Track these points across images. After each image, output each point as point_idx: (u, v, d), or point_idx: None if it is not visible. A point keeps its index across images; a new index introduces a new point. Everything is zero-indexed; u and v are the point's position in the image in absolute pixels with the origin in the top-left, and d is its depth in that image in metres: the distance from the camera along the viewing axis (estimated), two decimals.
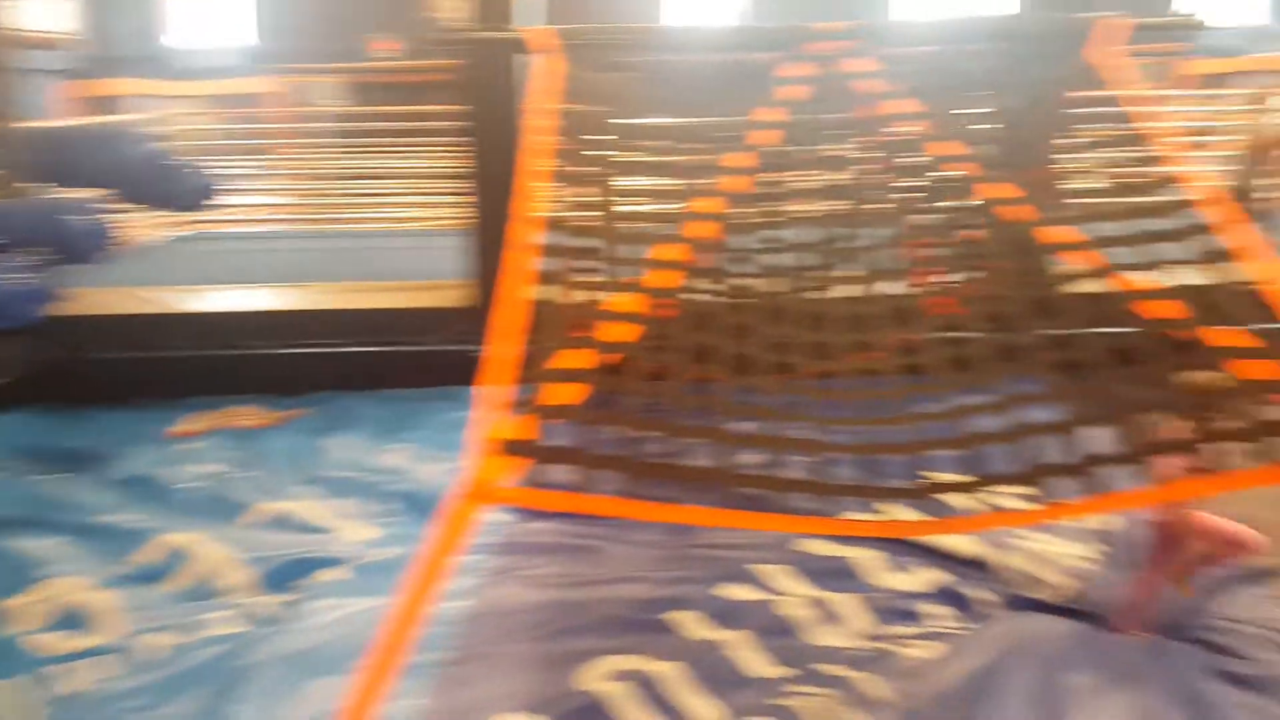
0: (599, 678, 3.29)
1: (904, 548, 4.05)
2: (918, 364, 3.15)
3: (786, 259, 3.57)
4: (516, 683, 3.29)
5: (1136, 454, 2.71)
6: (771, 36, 3.91)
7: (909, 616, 3.67)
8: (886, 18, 16.90)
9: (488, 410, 2.29)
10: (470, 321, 5.75)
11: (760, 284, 4.13)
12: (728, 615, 3.63)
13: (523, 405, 2.32)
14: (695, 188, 3.46)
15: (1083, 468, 2.69)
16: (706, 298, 3.18)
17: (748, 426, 2.84)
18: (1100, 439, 3.13)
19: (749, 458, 3.95)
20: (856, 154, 3.83)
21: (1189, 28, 5.06)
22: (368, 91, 16.04)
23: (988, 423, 2.87)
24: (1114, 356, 2.91)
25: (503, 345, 2.44)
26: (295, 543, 4.24)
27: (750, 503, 2.71)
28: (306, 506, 4.58)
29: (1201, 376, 2.70)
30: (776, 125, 3.63)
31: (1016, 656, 3.36)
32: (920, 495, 2.82)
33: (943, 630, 3.58)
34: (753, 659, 3.41)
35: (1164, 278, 3.04)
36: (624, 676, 3.29)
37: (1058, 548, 4.15)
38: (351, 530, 4.37)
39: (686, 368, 2.78)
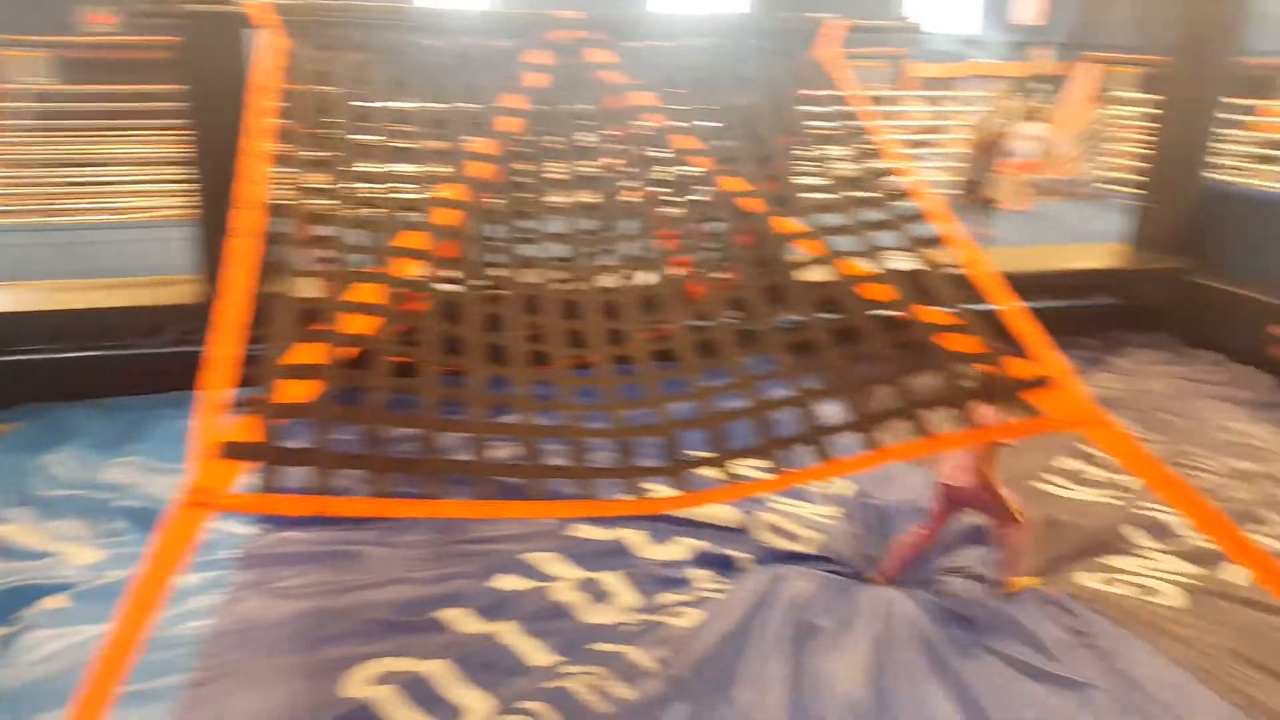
0: (365, 682, 3.18)
1: (668, 523, 4.20)
2: (668, 350, 3.25)
3: (541, 249, 3.57)
4: (273, 697, 3.11)
5: (860, 424, 2.95)
6: (512, 22, 3.88)
7: (675, 586, 3.81)
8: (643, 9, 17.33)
9: (209, 413, 2.12)
10: (201, 319, 5.35)
11: (515, 274, 4.12)
12: (500, 607, 3.61)
13: (246, 405, 2.16)
14: (439, 175, 3.38)
15: (814, 437, 2.89)
16: (457, 289, 3.11)
17: (505, 417, 2.83)
18: (831, 411, 3.37)
19: (507, 448, 3.95)
20: (602, 145, 3.89)
21: (905, 31, 5.51)
22: (79, 69, 14.52)
23: (732, 402, 3.03)
24: (839, 336, 3.13)
25: (226, 343, 2.27)
26: (11, 571, 3.80)
27: (511, 492, 2.70)
28: (22, 530, 4.12)
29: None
30: (521, 113, 3.61)
31: (767, 610, 3.58)
32: (676, 472, 2.91)
33: (707, 594, 3.73)
34: (526, 646, 3.41)
35: (883, 263, 3.30)
36: (392, 679, 3.19)
37: (805, 509, 4.49)
38: (74, 553, 3.97)
39: (437, 360, 2.70)
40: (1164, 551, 4.22)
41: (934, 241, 3.36)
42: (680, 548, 4.08)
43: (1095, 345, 7.28)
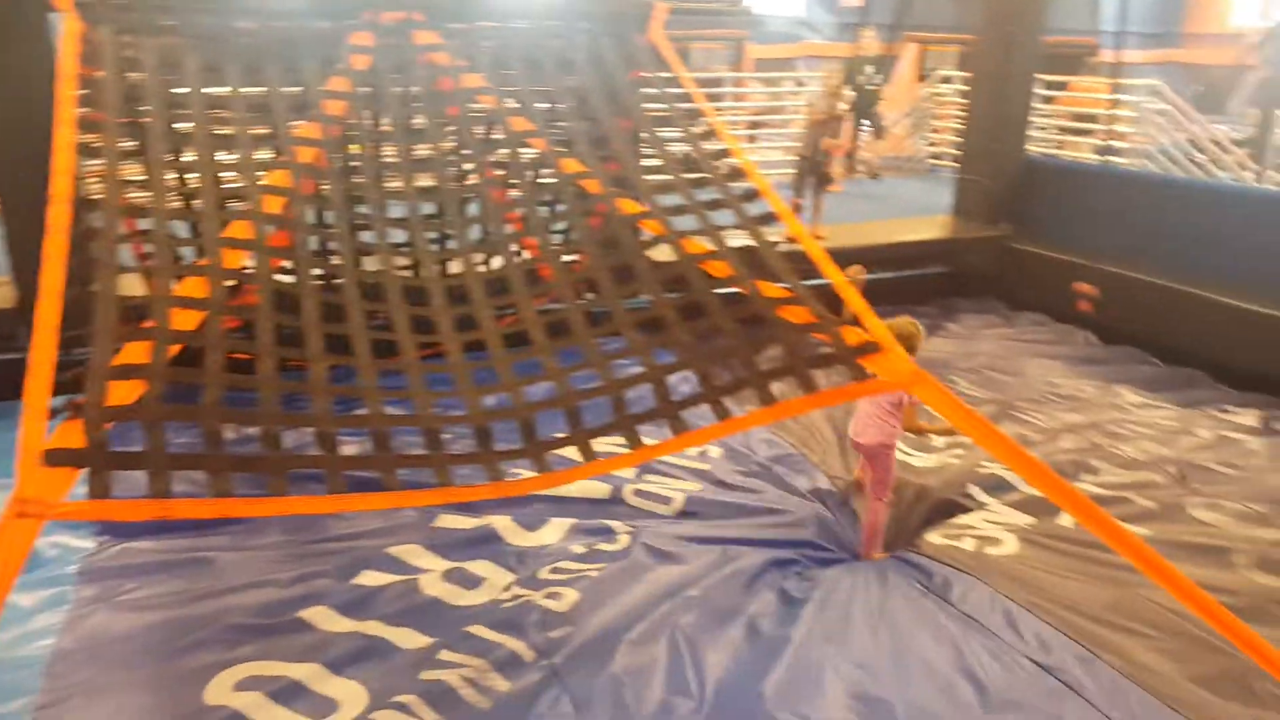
0: (230, 689, 3.09)
1: (539, 504, 4.24)
2: (520, 333, 3.27)
3: (382, 235, 3.51)
4: (133, 711, 2.99)
5: (709, 396, 3.06)
6: (332, 3, 3.79)
7: (549, 567, 3.83)
8: None
9: (32, 420, 2.02)
10: (13, 323, 5.03)
11: (355, 262, 4.04)
12: (365, 603, 3.56)
13: (68, 410, 2.07)
14: (263, 162, 3.28)
15: (667, 411, 2.98)
16: (291, 279, 3.02)
17: (355, 410, 2.80)
18: (682, 385, 3.48)
19: (359, 442, 3.88)
20: (436, 127, 3.85)
21: (731, 14, 5.69)
22: None
23: (586, 382, 3.08)
24: (686, 313, 3.23)
25: (47, 346, 2.16)
26: None
27: (368, 486, 2.68)
28: None
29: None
30: (347, 96, 3.55)
31: (645, 586, 3.65)
32: (534, 454, 2.93)
33: (582, 573, 3.77)
34: (397, 639, 3.37)
35: (722, 241, 3.41)
36: (259, 684, 3.11)
37: (671, 481, 4.62)
38: None
39: (274, 354, 2.63)
40: (1004, 504, 4.52)
41: (768, 219, 3.50)
42: (552, 529, 4.13)
43: (931, 312, 7.70)
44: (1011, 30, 7.45)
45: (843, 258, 7.28)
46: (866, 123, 10.87)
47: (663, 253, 3.52)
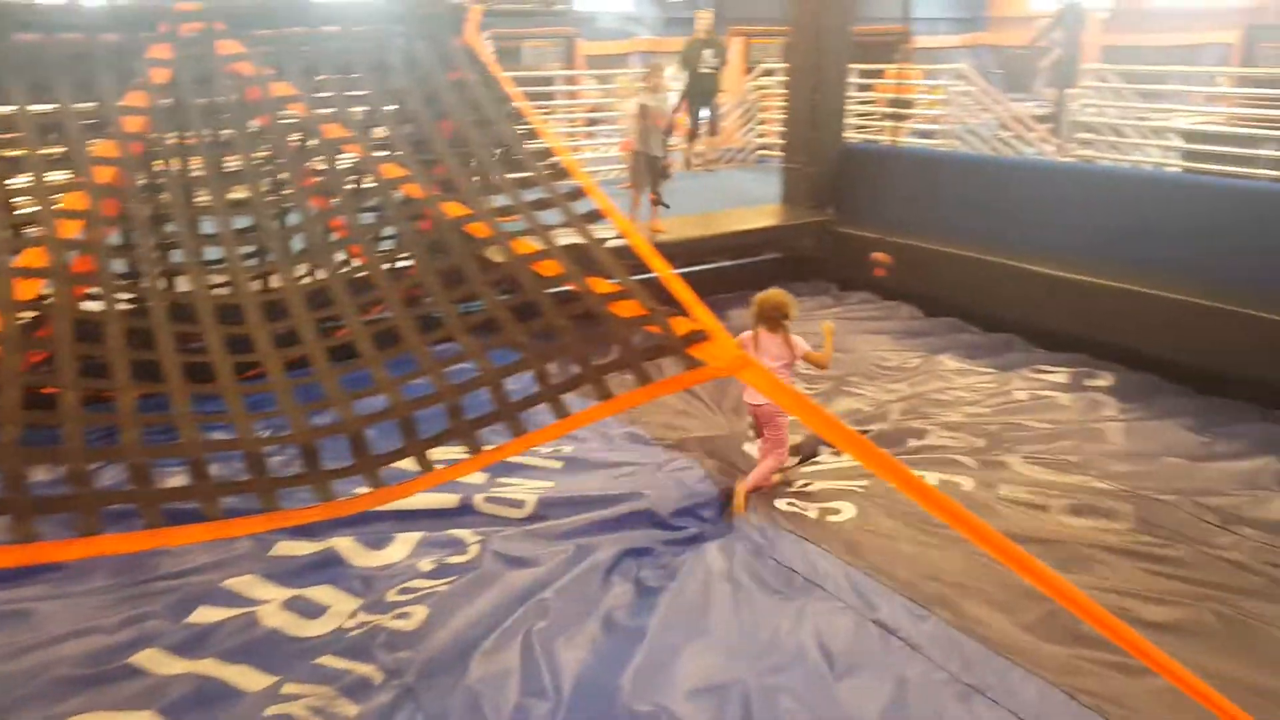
0: None
1: (382, 523, 4.14)
2: (348, 345, 3.19)
3: (193, 253, 3.35)
4: None
5: (547, 395, 3.07)
6: (123, 15, 3.59)
7: (396, 586, 3.73)
8: None
9: None
10: None
11: (167, 283, 3.84)
12: (201, 641, 3.38)
13: None
14: (58, 185, 3.08)
15: (505, 414, 2.97)
16: (94, 306, 2.85)
17: (173, 439, 2.66)
18: (520, 386, 3.46)
19: (179, 471, 3.68)
20: (248, 139, 3.71)
21: (552, 13, 5.71)
22: None
23: (420, 390, 3.03)
24: (519, 314, 3.22)
25: None
26: None
27: (193, 516, 2.55)
28: None
29: None
30: (146, 111, 3.37)
31: (495, 595, 3.59)
32: (367, 470, 2.86)
33: (430, 589, 3.69)
34: (237, 678, 3.21)
35: (551, 240, 3.42)
36: None
37: (524, 483, 4.60)
38: None
39: (78, 386, 2.48)
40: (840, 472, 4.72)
41: (594, 216, 3.54)
42: (399, 546, 4.03)
43: None
44: (822, 22, 7.76)
45: (680, 249, 7.56)
46: (705, 112, 10.91)
47: (493, 254, 3.50)
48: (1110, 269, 6.18)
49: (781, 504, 4.37)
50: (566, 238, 3.44)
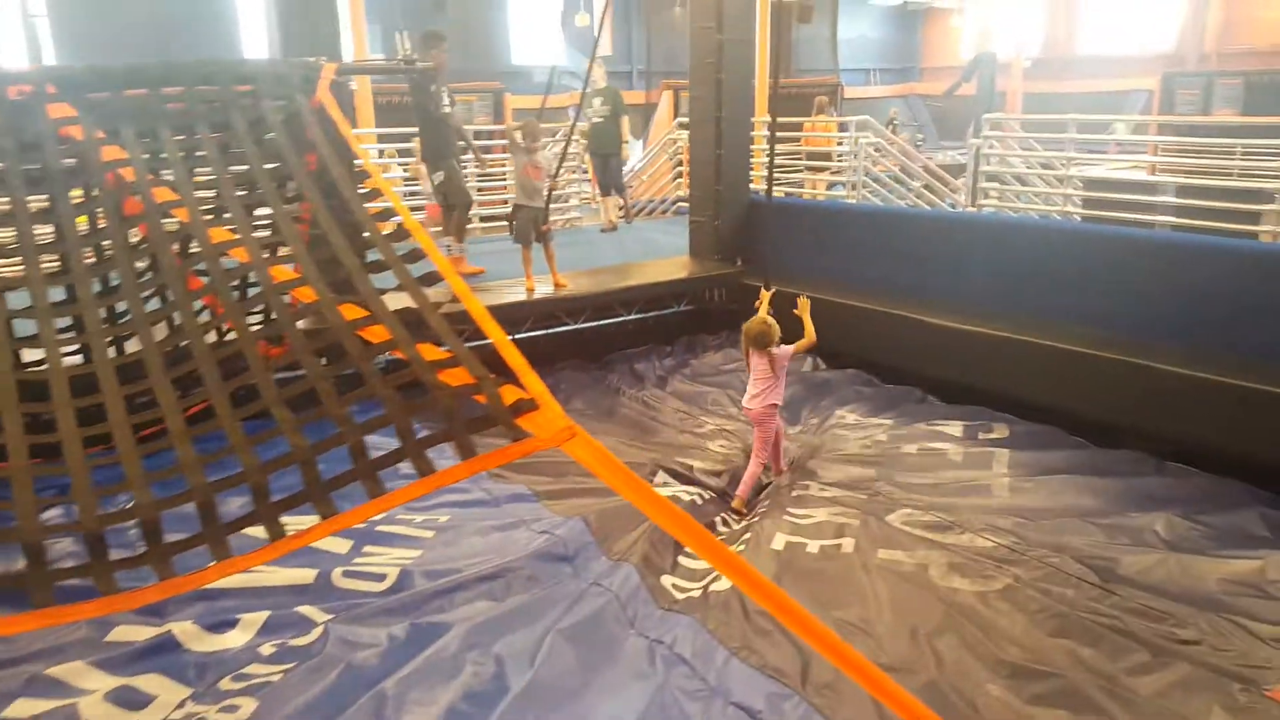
0: None
1: (229, 601, 3.90)
2: (157, 420, 2.99)
3: (45, 322, 3.15)
4: None
5: (361, 472, 2.88)
6: None
7: (230, 676, 3.48)
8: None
9: None
10: None
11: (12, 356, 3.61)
12: None
13: None
14: None
15: (316, 494, 2.78)
16: None
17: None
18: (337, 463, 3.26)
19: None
20: (84, 204, 3.53)
21: (407, 70, 5.62)
22: None
23: (264, 455, 2.83)
24: (342, 383, 3.04)
25: None
26: None
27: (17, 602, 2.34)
28: None
29: None
30: None
31: (331, 682, 3.37)
32: (215, 540, 2.66)
33: (264, 680, 3.44)
34: None
35: (382, 304, 3.25)
36: None
37: (389, 554, 4.38)
38: None
39: None
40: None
41: (431, 279, 3.38)
42: (241, 628, 3.77)
43: (678, 350, 7.87)
44: (723, 75, 7.76)
45: (587, 303, 7.43)
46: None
47: (319, 319, 3.33)
48: (1007, 320, 6.16)
49: (667, 581, 4.20)
50: (397, 301, 3.27)
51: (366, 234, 3.56)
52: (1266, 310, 5.12)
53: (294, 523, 2.72)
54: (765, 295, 5.64)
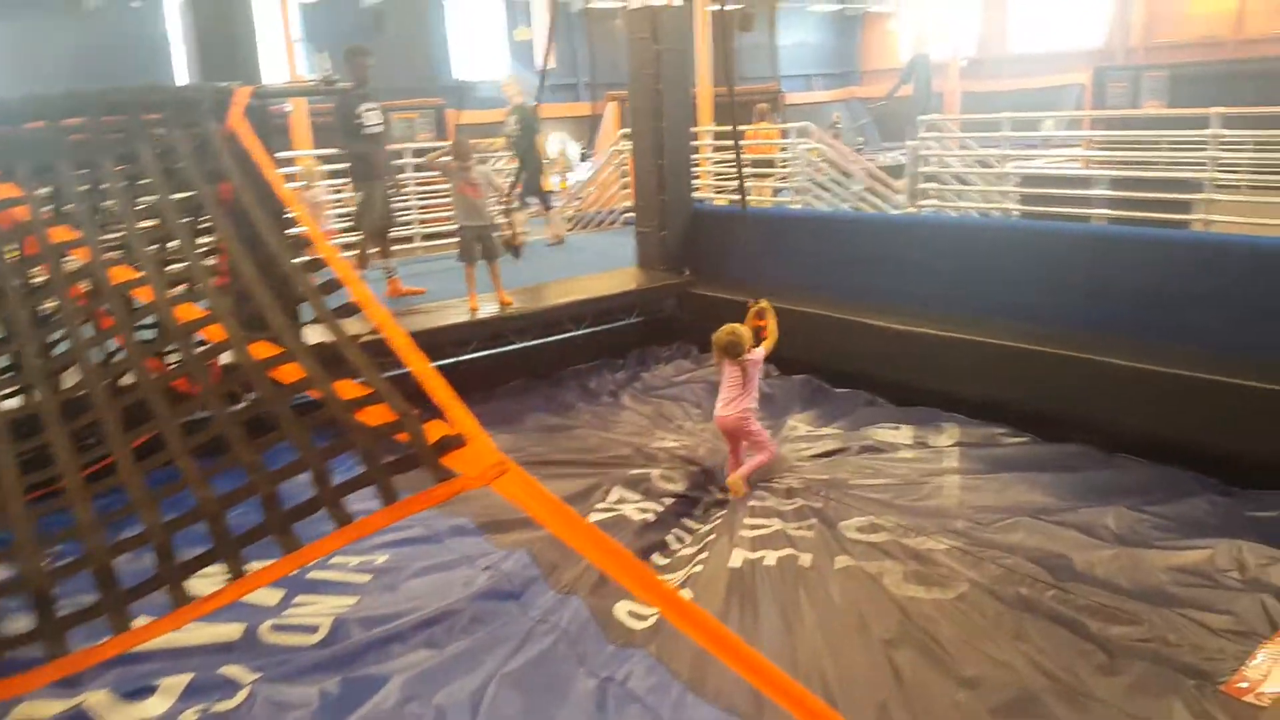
0: None
1: (150, 664, 3.63)
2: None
3: None
4: None
5: (275, 526, 2.69)
6: None
7: None
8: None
9: None
10: None
11: None
12: None
13: None
14: None
15: (225, 554, 2.59)
16: None
17: None
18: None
19: None
20: None
21: (327, 91, 5.45)
22: None
23: (177, 509, 2.63)
24: (253, 427, 2.85)
25: None
26: None
27: None
28: None
29: None
30: None
31: None
32: (114, 610, 2.45)
33: None
34: None
35: (297, 340, 3.07)
36: None
37: (322, 603, 4.17)
38: None
39: None
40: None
41: (348, 311, 3.20)
42: (162, 695, 3.47)
43: (630, 363, 7.74)
44: (661, 85, 7.66)
45: (534, 320, 7.27)
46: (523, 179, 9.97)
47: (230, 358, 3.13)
48: (951, 320, 6.12)
49: (621, 610, 4.04)
50: (312, 335, 3.10)
51: (282, 265, 3.39)
52: (1201, 298, 5.17)
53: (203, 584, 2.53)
54: (754, 307, 5.56)
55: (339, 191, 9.49)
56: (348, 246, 10.33)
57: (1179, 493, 4.63)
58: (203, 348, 3.17)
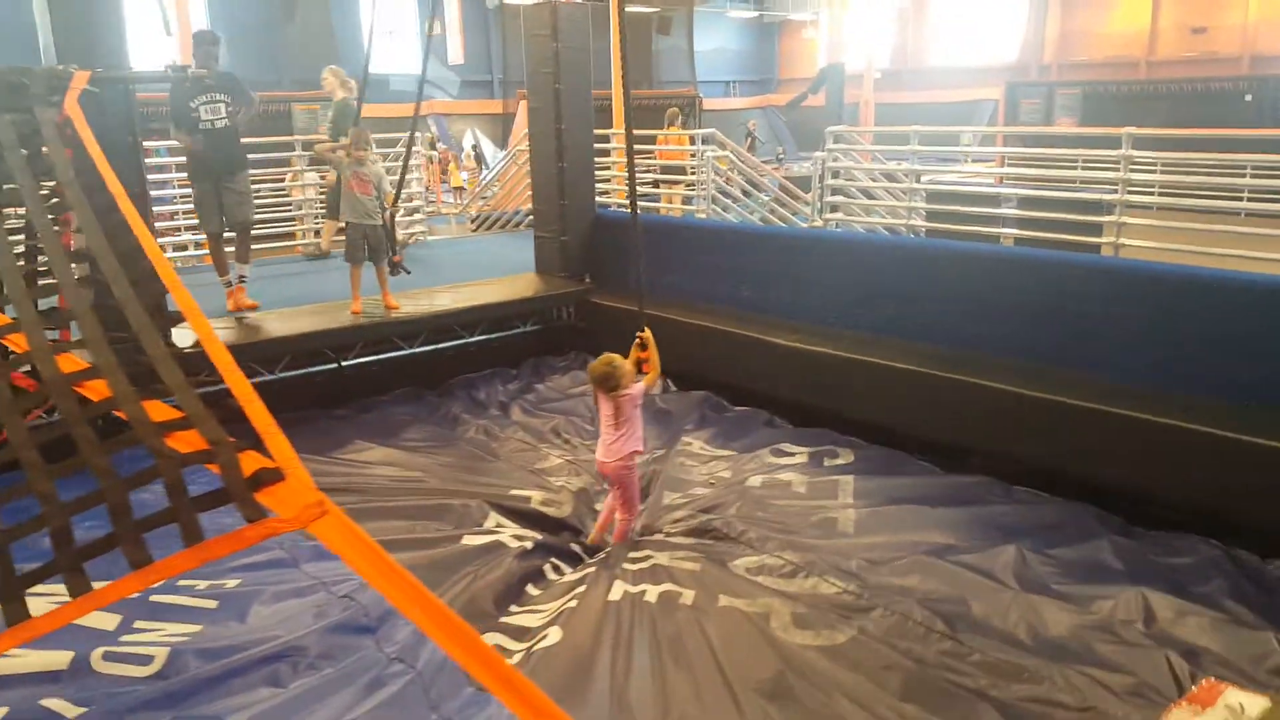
0: None
1: None
2: None
3: None
4: None
5: (63, 565, 2.35)
6: None
7: None
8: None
9: None
10: None
11: None
12: None
13: None
14: None
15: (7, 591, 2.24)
16: None
17: None
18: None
19: None
20: None
21: (163, 79, 5.08)
22: None
23: None
24: (48, 452, 2.50)
25: None
26: None
27: None
28: None
29: None
30: None
31: None
32: None
33: None
34: None
35: (105, 353, 2.73)
36: None
37: (161, 630, 3.79)
38: None
39: None
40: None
41: (171, 320, 2.86)
42: None
43: (523, 373, 7.43)
44: (558, 86, 7.39)
45: (425, 325, 6.92)
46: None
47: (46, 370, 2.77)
48: (850, 339, 5.97)
49: (489, 643, 3.75)
50: (119, 349, 2.74)
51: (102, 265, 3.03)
52: (1108, 327, 5.00)
53: None
54: (640, 339, 4.86)
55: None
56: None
57: (1081, 533, 4.45)
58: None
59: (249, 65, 23.19)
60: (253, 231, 6.82)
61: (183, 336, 2.90)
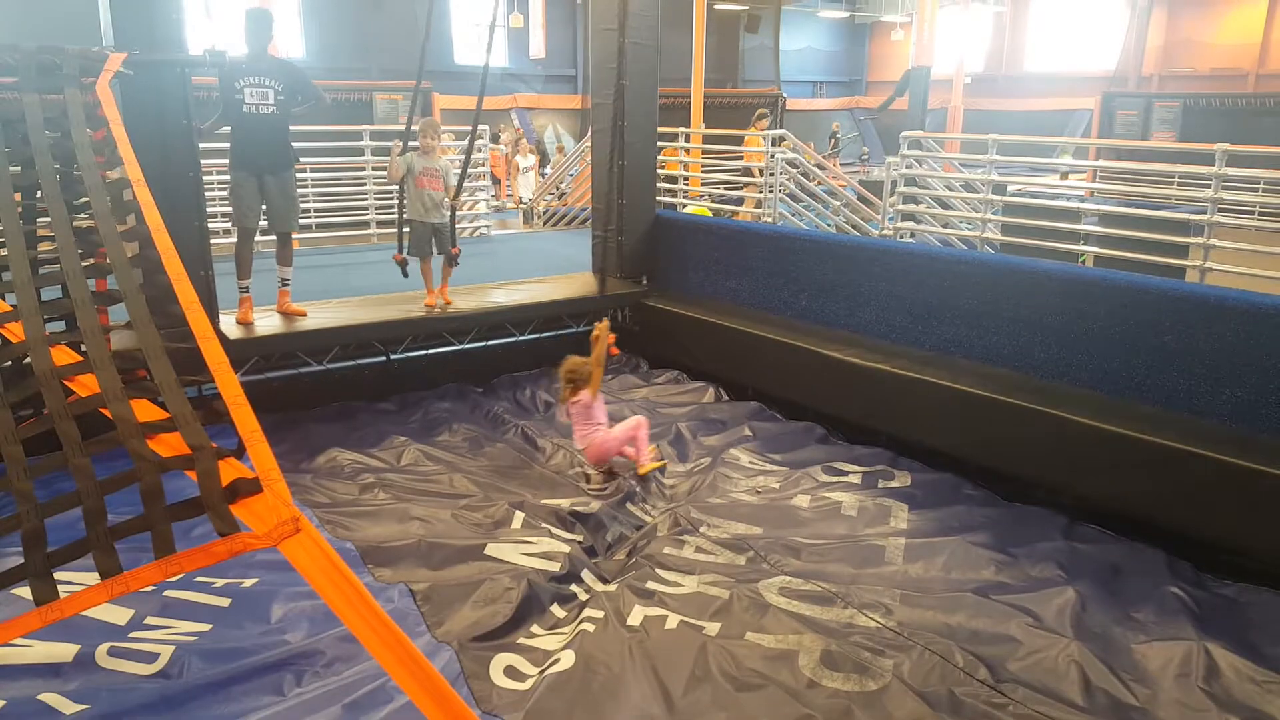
0: None
1: None
2: None
3: None
4: None
5: (31, 569, 2.26)
6: None
7: None
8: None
9: None
10: None
11: None
12: None
13: None
14: None
15: None
16: None
17: None
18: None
19: None
20: None
21: (202, 63, 5.05)
22: None
23: None
24: (32, 447, 2.41)
25: None
26: None
27: None
28: None
29: None
30: None
31: None
32: None
33: None
34: None
35: (103, 346, 2.63)
36: None
37: (170, 627, 3.72)
38: None
39: None
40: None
41: (172, 313, 2.76)
42: None
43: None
44: (624, 82, 7.20)
45: (478, 321, 6.81)
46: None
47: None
48: (913, 357, 5.66)
49: (500, 664, 3.59)
50: (119, 341, 2.66)
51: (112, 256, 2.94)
52: (1191, 361, 4.61)
53: None
54: (599, 327, 5.55)
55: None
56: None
57: (1148, 578, 4.10)
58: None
59: (337, 54, 23.63)
60: (323, 220, 6.77)
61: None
